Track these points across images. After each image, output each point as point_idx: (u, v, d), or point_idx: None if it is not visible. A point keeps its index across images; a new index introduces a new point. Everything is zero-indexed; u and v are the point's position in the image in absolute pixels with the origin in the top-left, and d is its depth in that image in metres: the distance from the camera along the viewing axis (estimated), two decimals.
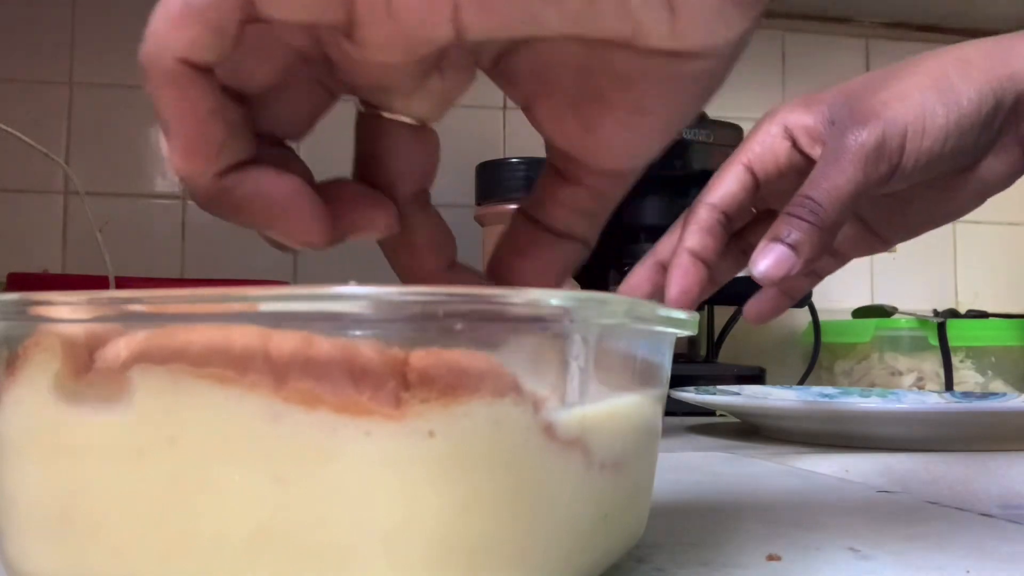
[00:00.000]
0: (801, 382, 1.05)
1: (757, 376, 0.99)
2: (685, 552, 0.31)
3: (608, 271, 0.96)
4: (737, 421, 0.81)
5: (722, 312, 1.09)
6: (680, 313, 0.26)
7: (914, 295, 1.25)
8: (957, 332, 1.02)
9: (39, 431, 0.21)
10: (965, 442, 0.62)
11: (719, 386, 0.83)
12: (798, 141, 0.42)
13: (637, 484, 0.28)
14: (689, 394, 0.74)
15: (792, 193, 0.39)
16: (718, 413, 0.89)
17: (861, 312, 1.12)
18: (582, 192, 0.27)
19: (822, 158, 0.39)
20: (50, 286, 0.90)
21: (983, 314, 1.10)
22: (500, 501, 0.20)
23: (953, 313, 1.08)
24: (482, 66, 0.26)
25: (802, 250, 0.37)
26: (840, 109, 0.40)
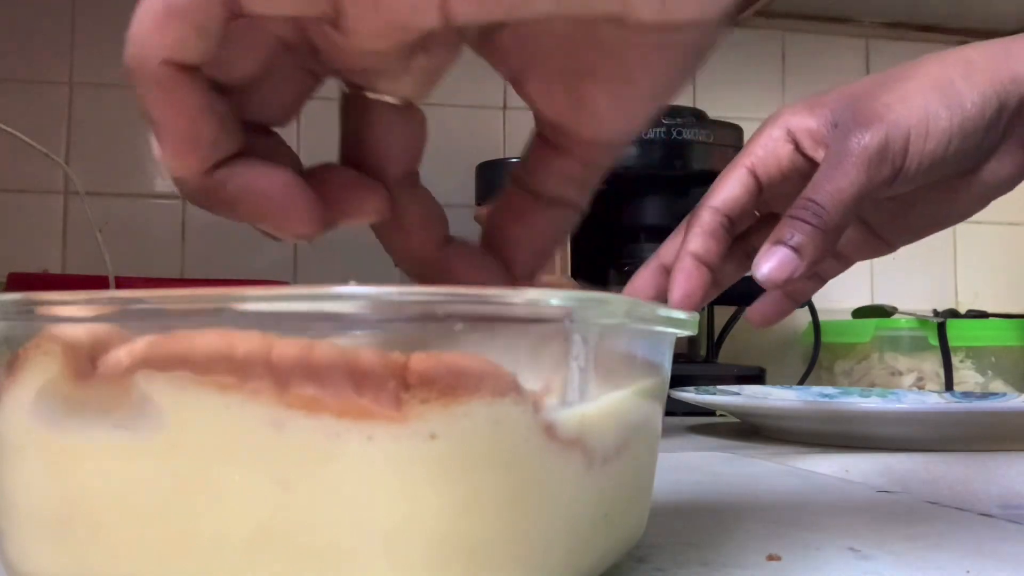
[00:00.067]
0: (801, 382, 1.05)
1: (757, 376, 0.99)
2: (685, 552, 0.31)
3: (608, 271, 0.96)
4: (737, 421, 0.81)
5: (722, 312, 1.09)
6: (680, 313, 0.27)
7: (914, 295, 1.25)
8: (957, 332, 1.03)
9: (39, 432, 0.21)
10: (965, 442, 0.62)
11: (719, 386, 0.83)
12: (801, 144, 0.42)
13: (637, 484, 0.28)
14: (689, 394, 0.74)
15: (795, 196, 0.39)
16: (718, 413, 0.89)
17: (861, 312, 1.12)
18: (572, 161, 0.27)
19: (825, 161, 0.39)
20: (50, 286, 0.90)
21: (983, 314, 1.10)
22: (500, 501, 0.20)
23: (953, 313, 1.09)
24: (468, 42, 0.25)
25: (805, 253, 0.37)
26: (843, 112, 0.40)
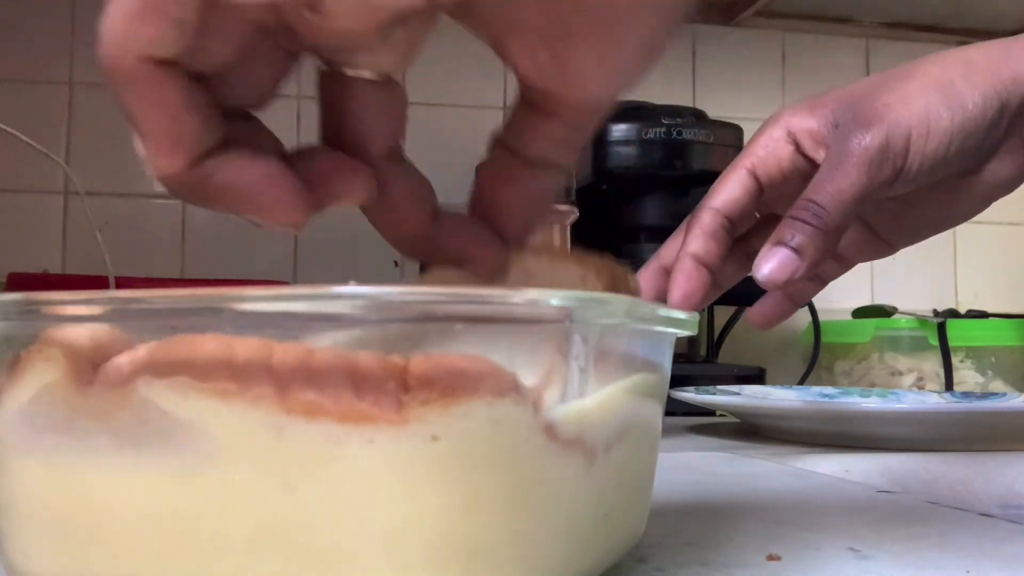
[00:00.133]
0: (801, 382, 1.05)
1: (757, 376, 0.99)
2: (685, 552, 0.31)
3: None
4: (737, 421, 0.81)
5: (722, 312, 1.09)
6: (680, 313, 0.27)
7: (914, 295, 1.25)
8: (957, 332, 1.03)
9: (40, 435, 0.21)
10: (965, 442, 0.62)
11: (719, 386, 0.83)
12: (801, 145, 0.41)
13: (637, 484, 0.28)
14: (689, 394, 0.74)
15: (796, 197, 0.39)
16: (718, 413, 0.89)
17: (861, 312, 1.12)
18: (558, 124, 0.27)
19: (826, 161, 0.39)
20: (50, 286, 0.90)
21: (983, 314, 1.10)
22: (501, 501, 0.20)
23: (953, 313, 1.09)
24: (446, 10, 0.25)
25: (806, 253, 0.37)
26: (844, 112, 0.40)
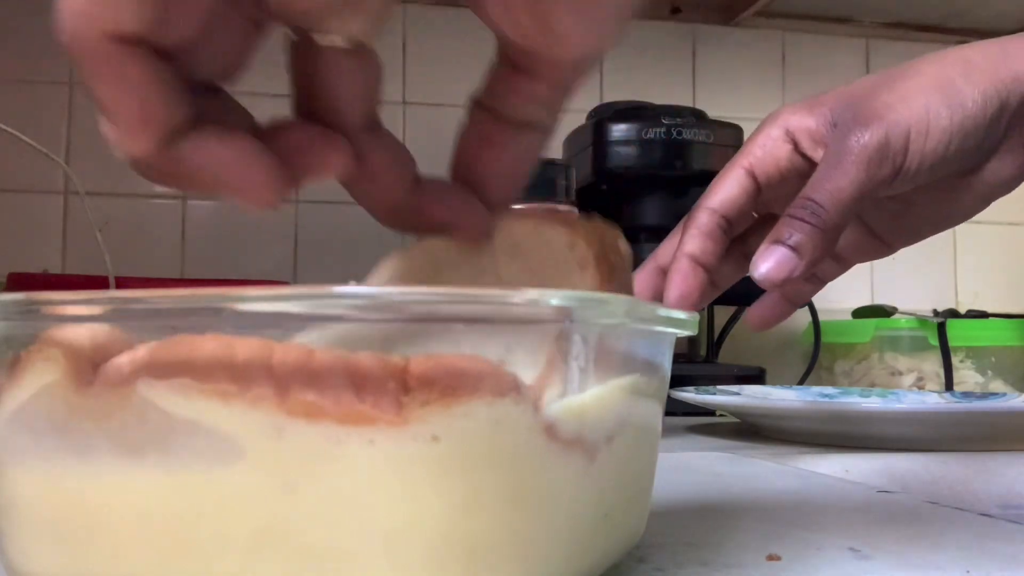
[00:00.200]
0: (801, 382, 1.05)
1: (757, 376, 0.99)
2: (685, 552, 0.31)
3: None
4: (737, 421, 0.81)
5: (722, 312, 1.09)
6: (680, 313, 0.26)
7: (914, 295, 1.25)
8: (957, 332, 1.03)
9: (40, 435, 0.21)
10: (965, 442, 0.62)
11: (719, 386, 0.83)
12: (800, 144, 0.41)
13: (637, 484, 0.28)
14: (689, 394, 0.74)
15: (794, 197, 0.39)
16: (718, 413, 0.89)
17: (861, 312, 1.12)
18: (540, 83, 0.26)
19: (824, 160, 0.39)
20: (50, 286, 0.90)
21: (983, 314, 1.10)
22: (501, 501, 0.20)
23: (953, 313, 1.09)
24: None
25: (804, 252, 0.37)
26: (843, 111, 0.40)
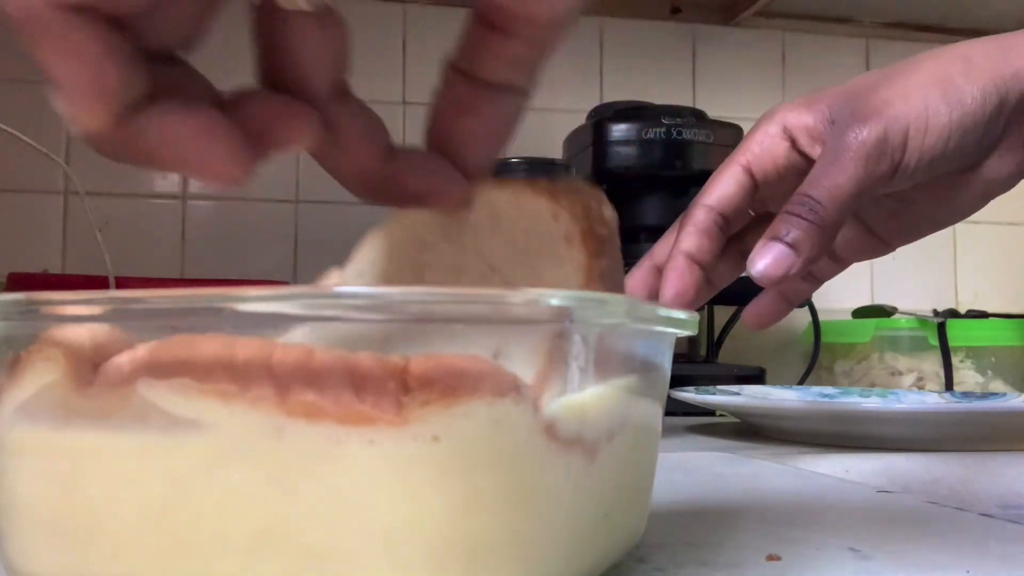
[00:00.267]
0: (801, 382, 1.05)
1: (757, 376, 0.99)
2: (685, 552, 0.31)
3: None
4: (737, 421, 0.81)
5: (722, 312, 1.09)
6: (680, 313, 0.26)
7: (914, 295, 1.25)
8: (957, 332, 1.03)
9: (40, 435, 0.21)
10: (965, 442, 0.62)
11: (719, 386, 0.83)
12: (798, 141, 0.41)
13: (637, 484, 0.28)
14: (689, 394, 0.74)
15: (791, 195, 0.38)
16: (718, 413, 0.89)
17: (861, 312, 1.12)
18: (517, 43, 0.25)
19: (822, 156, 0.39)
20: (50, 286, 0.90)
21: (983, 314, 1.10)
22: (501, 501, 0.20)
23: (953, 313, 1.09)
24: None
25: (801, 249, 0.37)
26: (841, 108, 0.40)
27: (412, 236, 0.29)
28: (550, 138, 1.04)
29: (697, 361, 1.05)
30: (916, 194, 0.42)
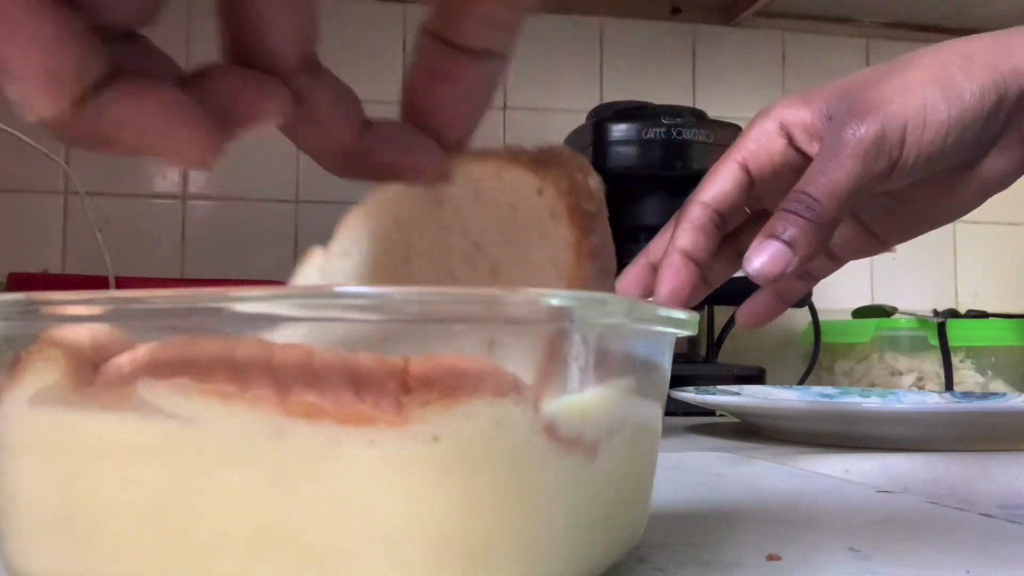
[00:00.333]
0: (801, 382, 1.05)
1: (757, 376, 0.99)
2: (685, 552, 0.31)
3: None
4: (737, 421, 0.81)
5: (722, 312, 1.09)
6: (680, 313, 0.26)
7: (914, 295, 1.25)
8: (957, 332, 1.03)
9: (40, 435, 0.21)
10: (965, 442, 0.62)
11: (719, 386, 0.83)
12: (794, 138, 0.41)
13: (637, 484, 0.28)
14: (689, 394, 0.74)
15: (787, 192, 0.38)
16: (718, 413, 0.89)
17: (861, 312, 1.12)
18: (494, 2, 0.24)
19: (820, 153, 0.39)
20: (50, 286, 0.90)
21: (983, 314, 1.10)
22: (501, 501, 0.20)
23: (953, 313, 1.09)
24: None
25: (798, 247, 0.37)
26: (838, 104, 0.39)
27: (393, 215, 0.28)
28: (550, 138, 1.04)
29: (697, 361, 1.05)
30: (913, 191, 0.42)
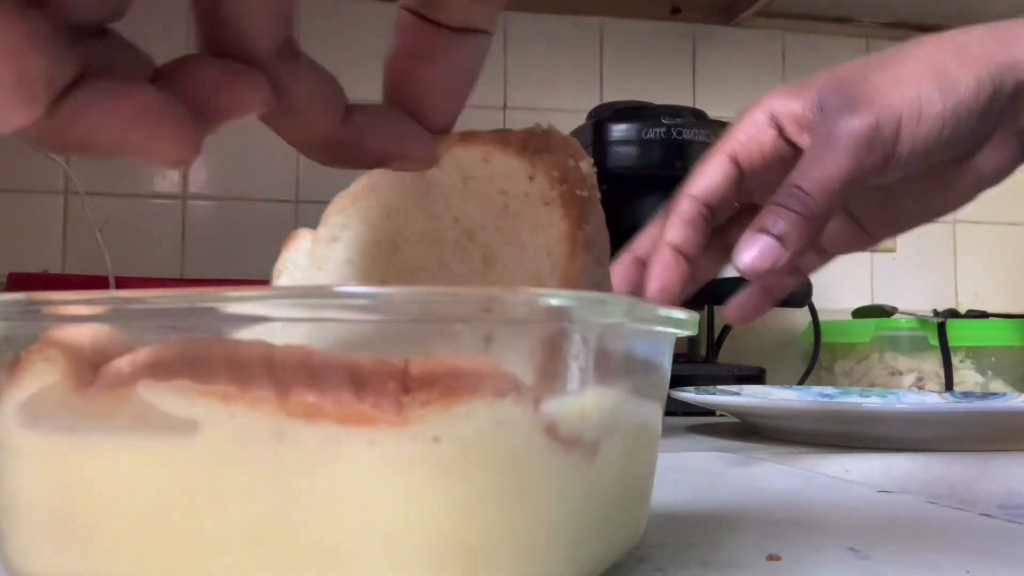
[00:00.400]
0: (801, 382, 1.05)
1: (757, 376, 0.99)
2: (685, 552, 0.31)
3: None
4: (737, 421, 0.81)
5: (722, 312, 1.09)
6: (680, 313, 0.26)
7: (914, 295, 1.25)
8: (957, 332, 1.03)
9: (40, 435, 0.21)
10: (965, 442, 0.62)
11: (719, 386, 0.83)
12: (785, 130, 0.40)
13: (637, 484, 0.28)
14: (689, 394, 0.74)
15: (776, 185, 0.37)
16: (718, 413, 0.89)
17: (861, 312, 1.12)
18: None
19: (812, 145, 0.38)
20: (50, 286, 0.90)
21: (983, 314, 1.10)
22: (502, 501, 0.20)
23: (953, 313, 1.09)
24: None
25: (789, 242, 0.36)
26: (831, 95, 0.39)
27: (382, 202, 0.28)
28: None
29: (697, 361, 1.05)
30: (905, 185, 0.41)
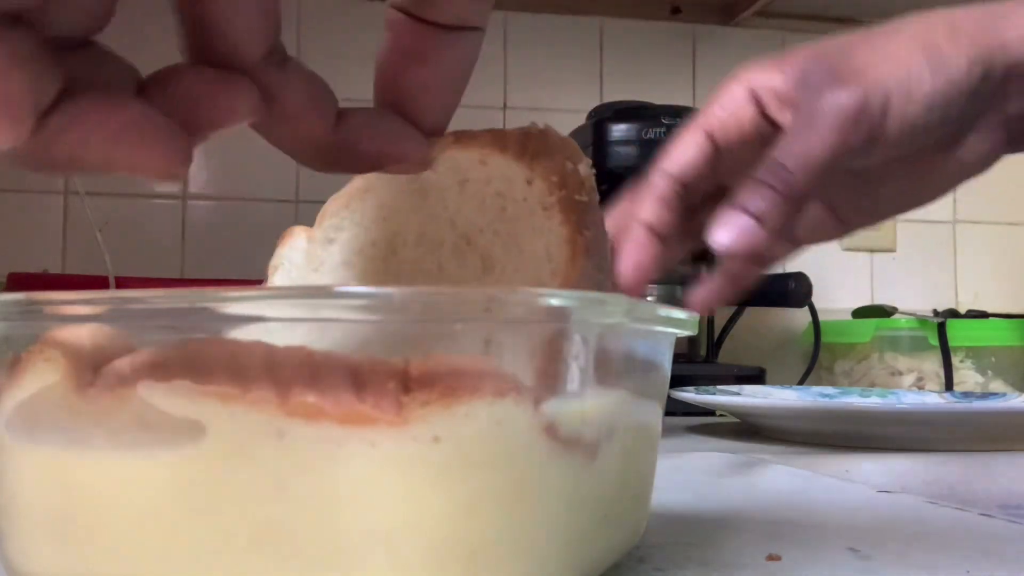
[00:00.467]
0: (801, 382, 1.05)
1: (757, 376, 0.99)
2: (685, 552, 0.31)
3: None
4: (737, 421, 0.81)
5: (722, 312, 1.09)
6: (680, 313, 0.26)
7: (914, 295, 1.25)
8: (957, 332, 1.03)
9: (40, 435, 0.21)
10: (965, 442, 0.62)
11: (719, 386, 0.83)
12: (766, 106, 0.38)
13: (637, 483, 0.28)
14: (689, 394, 0.74)
15: (752, 165, 0.36)
16: (718, 413, 0.89)
17: (861, 312, 1.12)
18: None
19: (795, 121, 0.36)
20: (50, 286, 0.90)
21: (983, 314, 1.10)
22: (502, 501, 0.20)
23: (953, 313, 1.09)
24: None
25: (768, 221, 0.34)
26: (816, 69, 0.37)
27: (378, 203, 0.28)
28: None
29: (697, 361, 1.05)
30: (887, 172, 0.39)
